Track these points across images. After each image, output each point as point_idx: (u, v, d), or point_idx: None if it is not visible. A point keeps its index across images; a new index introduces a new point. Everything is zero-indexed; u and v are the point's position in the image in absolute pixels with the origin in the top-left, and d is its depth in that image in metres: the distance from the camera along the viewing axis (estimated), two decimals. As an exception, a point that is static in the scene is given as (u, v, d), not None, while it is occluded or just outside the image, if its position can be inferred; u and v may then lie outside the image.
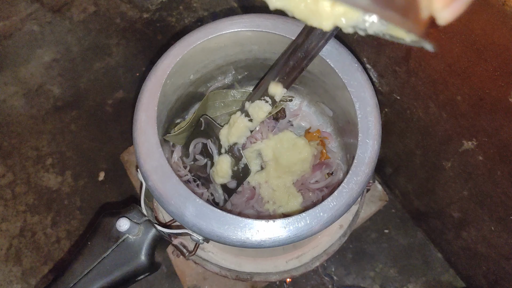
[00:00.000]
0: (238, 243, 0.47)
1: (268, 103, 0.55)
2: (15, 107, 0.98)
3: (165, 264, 0.83)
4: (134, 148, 0.51)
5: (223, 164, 0.61)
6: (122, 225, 0.51)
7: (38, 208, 0.89)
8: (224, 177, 0.62)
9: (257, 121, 0.57)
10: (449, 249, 0.81)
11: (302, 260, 0.68)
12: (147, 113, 0.52)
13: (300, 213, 0.47)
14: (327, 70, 0.56)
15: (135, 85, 1.00)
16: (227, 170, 0.62)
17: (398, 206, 0.88)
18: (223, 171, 0.62)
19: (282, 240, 0.47)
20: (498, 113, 0.49)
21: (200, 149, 0.65)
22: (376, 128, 0.52)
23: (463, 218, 0.69)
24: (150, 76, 0.54)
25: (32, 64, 1.02)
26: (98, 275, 0.51)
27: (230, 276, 0.69)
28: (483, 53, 0.46)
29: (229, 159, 0.62)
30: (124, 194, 0.90)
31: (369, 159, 0.50)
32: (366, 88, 0.54)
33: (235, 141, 0.60)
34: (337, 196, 0.48)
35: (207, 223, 0.47)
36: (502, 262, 0.66)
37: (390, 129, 0.72)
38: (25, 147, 0.94)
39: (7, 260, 0.85)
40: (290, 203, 0.64)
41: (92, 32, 1.05)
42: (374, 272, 0.84)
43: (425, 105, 0.61)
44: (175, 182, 0.49)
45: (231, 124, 0.59)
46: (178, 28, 1.06)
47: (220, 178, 0.62)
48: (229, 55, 0.62)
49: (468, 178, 0.62)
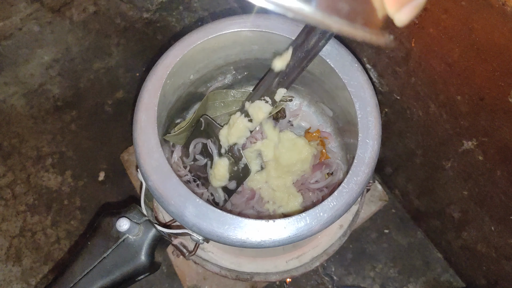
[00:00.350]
0: (238, 243, 0.47)
1: (268, 103, 0.55)
2: (15, 107, 0.98)
3: (165, 264, 0.83)
4: (134, 148, 0.51)
5: (220, 167, 0.62)
6: (122, 225, 0.51)
7: (38, 208, 0.89)
8: (222, 180, 0.62)
9: (257, 121, 0.57)
10: (449, 249, 0.81)
11: (302, 260, 0.68)
12: (147, 113, 0.52)
13: (300, 213, 0.47)
14: (327, 70, 0.56)
15: (135, 85, 1.00)
16: (224, 174, 0.62)
17: (398, 206, 0.88)
18: (221, 175, 0.62)
19: (282, 240, 0.47)
20: (498, 113, 0.49)
21: (200, 149, 0.65)
22: (376, 128, 0.52)
23: (463, 218, 0.69)
24: (150, 76, 0.54)
25: (32, 64, 1.02)
26: (98, 275, 0.51)
27: (230, 276, 0.69)
28: (483, 53, 0.46)
29: (227, 163, 0.62)
30: (124, 194, 0.90)
31: (369, 159, 0.50)
32: (366, 88, 0.54)
33: (234, 142, 0.60)
34: (337, 196, 0.48)
35: (207, 223, 0.47)
36: (502, 262, 0.66)
37: (390, 129, 0.72)
38: (25, 147, 0.94)
39: (7, 260, 0.85)
40: (290, 203, 0.64)
41: (92, 32, 1.05)
42: (374, 272, 0.84)
43: (425, 105, 0.61)
44: (175, 182, 0.49)
45: (231, 124, 0.59)
46: (178, 28, 1.06)
47: (217, 181, 0.63)
48: (229, 55, 0.62)
49: (468, 178, 0.62)
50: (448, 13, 0.47)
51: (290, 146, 0.65)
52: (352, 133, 0.57)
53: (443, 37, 0.50)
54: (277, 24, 0.56)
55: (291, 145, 0.66)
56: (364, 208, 0.81)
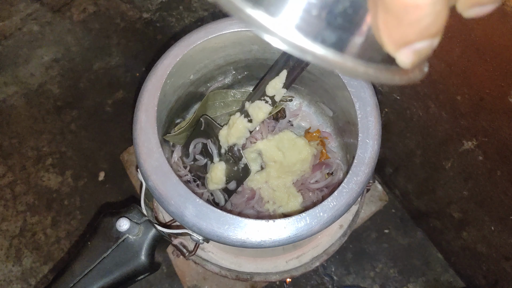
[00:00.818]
0: (238, 243, 0.47)
1: (268, 103, 0.55)
2: (15, 107, 0.98)
3: (165, 264, 0.83)
4: (134, 148, 0.51)
5: (217, 171, 0.62)
6: (122, 225, 0.51)
7: (38, 208, 0.89)
8: (218, 184, 0.62)
9: (257, 121, 0.57)
10: (449, 249, 0.81)
11: (302, 260, 0.68)
12: (147, 113, 0.52)
13: (300, 213, 0.47)
14: (327, 70, 0.56)
15: (135, 85, 1.00)
16: (221, 177, 0.62)
17: (398, 206, 0.88)
18: (217, 178, 0.62)
19: (282, 240, 0.47)
20: (498, 113, 0.49)
21: (200, 149, 0.65)
22: (376, 128, 0.52)
23: (463, 218, 0.69)
24: (150, 77, 0.54)
25: (32, 64, 1.02)
26: (98, 275, 0.51)
27: (230, 276, 0.69)
28: (483, 53, 0.46)
29: (224, 167, 0.62)
30: (124, 194, 0.90)
31: (369, 159, 0.50)
32: (366, 88, 0.54)
33: (234, 142, 0.60)
34: (337, 196, 0.48)
35: (207, 223, 0.47)
36: (502, 262, 0.66)
37: (390, 129, 0.72)
38: (25, 147, 0.94)
39: (7, 260, 0.85)
40: (290, 203, 0.64)
41: (92, 32, 1.05)
42: (374, 272, 0.84)
43: (425, 105, 0.61)
44: (175, 182, 0.49)
45: (231, 125, 0.59)
46: (178, 28, 1.06)
47: (214, 184, 0.63)
48: (229, 55, 0.62)
49: (468, 178, 0.62)
50: (448, 13, 0.47)
51: (290, 146, 0.65)
52: (352, 133, 0.57)
53: (443, 37, 0.50)
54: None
55: (291, 145, 0.66)
56: (364, 208, 0.81)
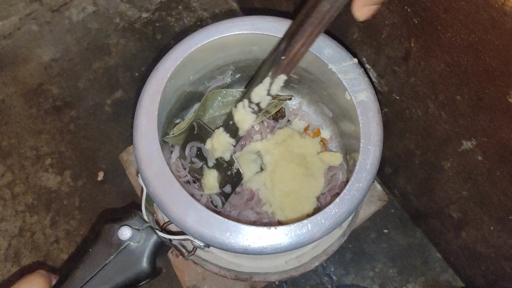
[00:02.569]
0: (240, 250, 0.47)
1: (254, 110, 0.54)
2: (14, 107, 0.98)
3: (164, 264, 0.83)
4: (134, 153, 0.51)
5: (209, 178, 0.62)
6: (124, 234, 0.50)
7: (37, 208, 0.89)
8: (212, 189, 0.63)
9: (243, 130, 0.55)
10: (448, 249, 0.81)
11: (301, 260, 0.68)
12: (148, 118, 0.51)
13: (302, 220, 0.47)
14: (327, 71, 0.56)
15: (134, 85, 1.00)
16: (214, 184, 0.62)
17: (398, 206, 0.88)
18: (210, 184, 0.62)
19: (283, 247, 0.47)
20: (497, 113, 0.49)
21: (195, 153, 0.65)
22: (378, 134, 0.52)
23: (462, 218, 0.69)
24: (150, 80, 0.54)
25: (31, 64, 1.02)
26: (99, 282, 0.50)
27: (230, 276, 0.69)
28: (482, 53, 0.46)
29: (216, 174, 0.62)
30: (124, 194, 0.90)
31: (371, 165, 0.50)
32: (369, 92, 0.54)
33: (220, 156, 0.60)
34: (338, 203, 0.48)
35: (208, 230, 0.47)
36: (502, 262, 0.66)
37: (389, 129, 0.72)
38: (24, 147, 0.94)
39: (6, 260, 0.85)
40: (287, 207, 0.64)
41: (91, 32, 1.05)
42: (373, 272, 0.84)
43: (424, 105, 0.61)
44: (177, 188, 0.48)
45: (214, 139, 0.59)
46: (177, 28, 1.06)
47: (208, 190, 0.63)
48: (229, 56, 0.62)
49: (467, 178, 0.62)
50: (448, 13, 0.47)
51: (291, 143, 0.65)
52: (352, 134, 0.57)
53: (442, 37, 0.50)
54: (278, 27, 0.56)
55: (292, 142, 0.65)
56: (364, 208, 0.81)
